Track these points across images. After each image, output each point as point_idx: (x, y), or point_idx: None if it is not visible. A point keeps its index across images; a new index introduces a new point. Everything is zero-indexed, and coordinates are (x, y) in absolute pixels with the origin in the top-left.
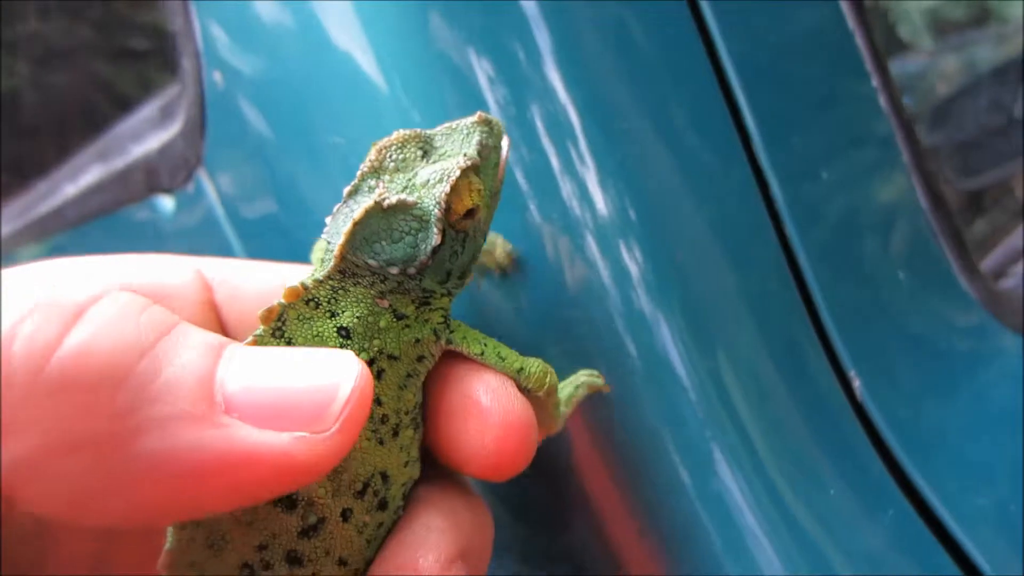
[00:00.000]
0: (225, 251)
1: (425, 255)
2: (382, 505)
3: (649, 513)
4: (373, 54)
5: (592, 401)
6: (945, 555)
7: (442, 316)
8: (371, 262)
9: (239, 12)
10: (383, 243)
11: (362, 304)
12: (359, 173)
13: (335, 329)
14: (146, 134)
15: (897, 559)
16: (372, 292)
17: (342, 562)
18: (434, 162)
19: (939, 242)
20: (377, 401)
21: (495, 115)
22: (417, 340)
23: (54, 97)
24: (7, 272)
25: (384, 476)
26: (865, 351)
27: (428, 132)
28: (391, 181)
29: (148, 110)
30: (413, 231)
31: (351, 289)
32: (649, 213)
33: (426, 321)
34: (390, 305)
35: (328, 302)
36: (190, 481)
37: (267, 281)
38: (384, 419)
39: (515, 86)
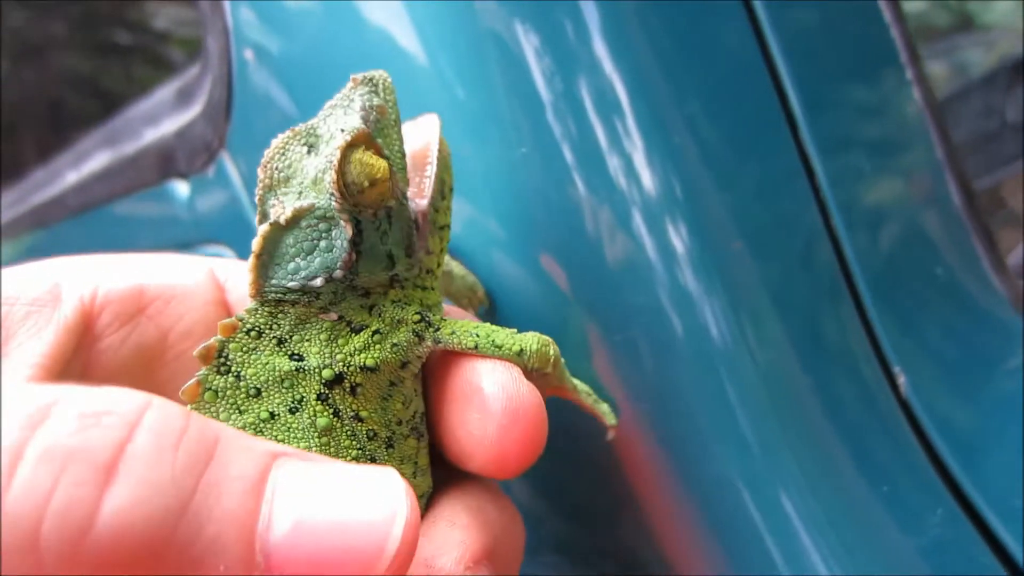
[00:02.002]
0: (246, 237)
1: (345, 251)
2: None
3: (697, 508)
4: (415, 29)
5: (634, 389)
6: (992, 555)
7: (418, 315)
8: (291, 285)
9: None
10: (297, 260)
11: (309, 324)
12: (256, 199)
13: (287, 355)
14: (161, 117)
15: (945, 558)
16: (313, 309)
17: None
18: (320, 153)
19: (972, 239)
20: (357, 418)
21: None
22: (395, 345)
23: (34, 93)
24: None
25: None
26: (908, 347)
27: (308, 123)
28: (286, 192)
29: (163, 92)
30: (323, 233)
31: (290, 311)
32: (695, 191)
33: (398, 323)
34: (340, 317)
35: (270, 328)
36: None
37: None
38: (372, 435)
39: (562, 60)
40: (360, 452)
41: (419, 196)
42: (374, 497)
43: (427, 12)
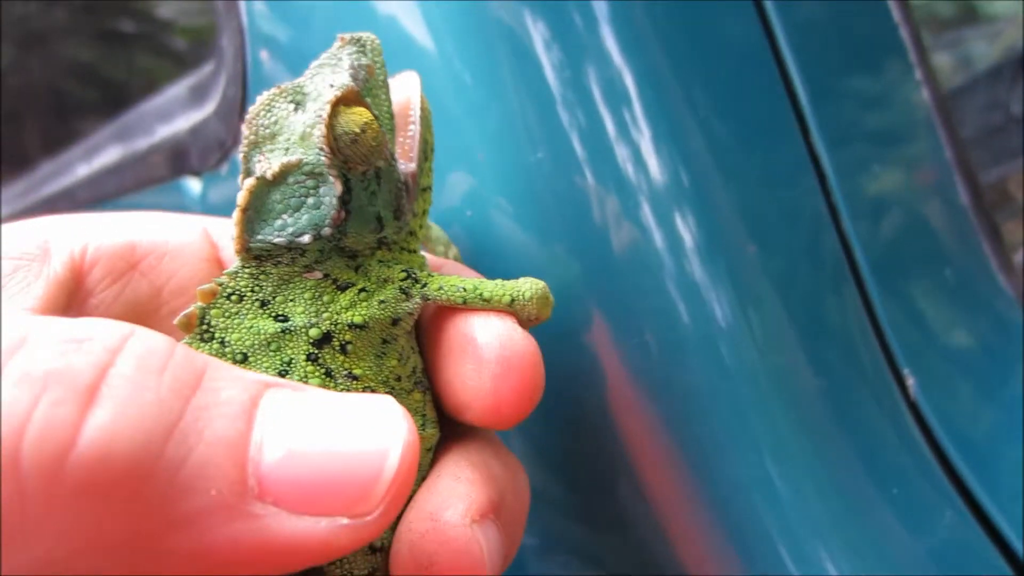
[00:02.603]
0: None
1: (334, 209)
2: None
3: (708, 505)
4: (423, 18)
5: (642, 382)
6: (1000, 558)
7: (404, 272)
8: (278, 241)
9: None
10: (284, 217)
11: (292, 284)
12: (241, 157)
13: (271, 317)
14: (174, 114)
15: (954, 560)
16: (296, 268)
17: (373, 550)
18: (306, 110)
19: (980, 239)
20: (351, 376)
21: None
22: (382, 302)
23: (37, 81)
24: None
25: None
26: (917, 348)
27: (294, 82)
28: (271, 149)
29: (176, 89)
30: (311, 190)
31: (272, 271)
32: (702, 181)
33: (384, 281)
34: (324, 275)
35: (252, 291)
36: (225, 571)
37: None
38: (371, 392)
39: (570, 50)
40: None
41: (404, 158)
42: (370, 425)
43: (436, 1)
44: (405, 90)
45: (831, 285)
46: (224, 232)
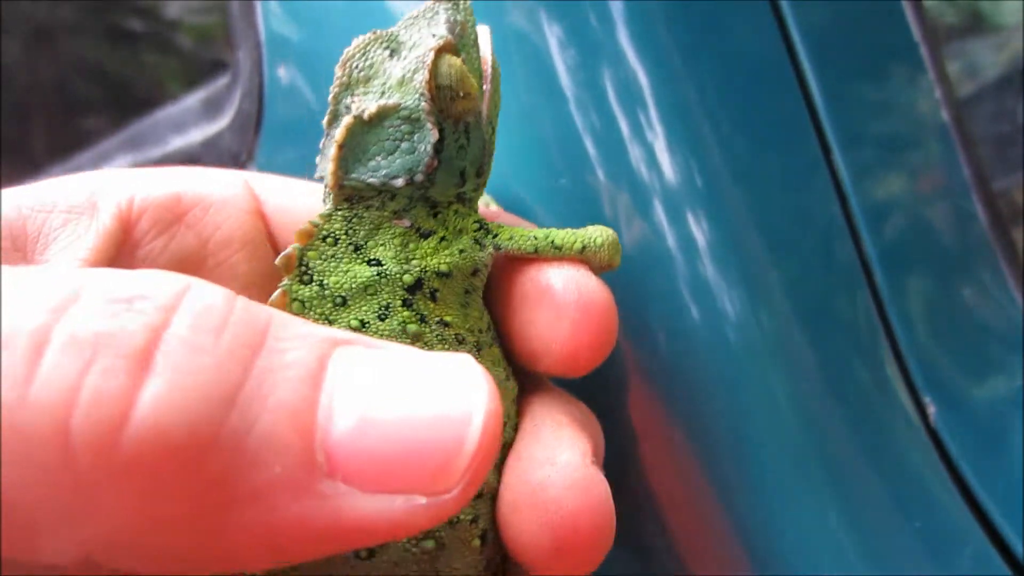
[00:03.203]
0: None
1: (428, 156)
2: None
3: (716, 504)
4: None
5: (651, 380)
6: None
7: (476, 223)
8: (372, 181)
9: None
10: (378, 159)
11: (383, 229)
12: (330, 97)
13: (365, 262)
14: (187, 125)
15: None
16: (386, 213)
17: (477, 495)
18: (404, 57)
19: (999, 259)
20: (443, 323)
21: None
22: (462, 251)
23: (44, 78)
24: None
25: None
26: (938, 376)
27: (388, 30)
28: (365, 92)
29: (190, 100)
30: (406, 135)
31: (364, 215)
32: (716, 182)
33: (460, 231)
34: (411, 224)
35: (346, 234)
36: (292, 550)
37: (316, 196)
38: (461, 340)
39: (586, 51)
40: None
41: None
42: (449, 387)
43: None
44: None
45: (846, 294)
46: (264, 186)
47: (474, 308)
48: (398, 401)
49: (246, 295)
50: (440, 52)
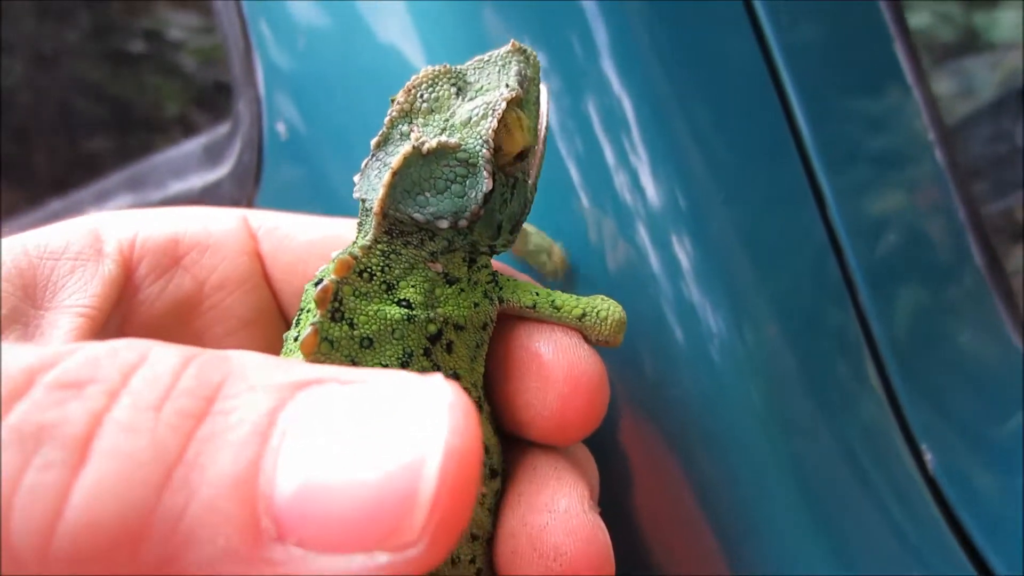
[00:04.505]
0: None
1: (476, 204)
2: (492, 474)
3: (702, 511)
4: (423, 48)
5: (636, 400)
6: None
7: (489, 275)
8: (417, 216)
9: (302, 71)
10: (427, 194)
11: (416, 270)
12: (387, 120)
13: (395, 302)
14: (188, 171)
15: None
16: (423, 254)
17: (473, 538)
18: (471, 99)
19: (996, 302)
20: (455, 375)
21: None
22: (476, 305)
23: (46, 98)
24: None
25: (485, 448)
26: (935, 422)
27: (458, 67)
28: (425, 124)
29: (190, 146)
30: (459, 178)
31: (402, 252)
32: (700, 205)
33: (476, 284)
34: (443, 269)
35: (382, 271)
36: None
37: (313, 233)
38: (465, 391)
39: (570, 78)
40: None
41: (529, 178)
42: (402, 431)
43: (436, 29)
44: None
45: (832, 311)
46: (262, 222)
47: (479, 363)
48: (343, 459)
49: (243, 334)
50: (511, 104)
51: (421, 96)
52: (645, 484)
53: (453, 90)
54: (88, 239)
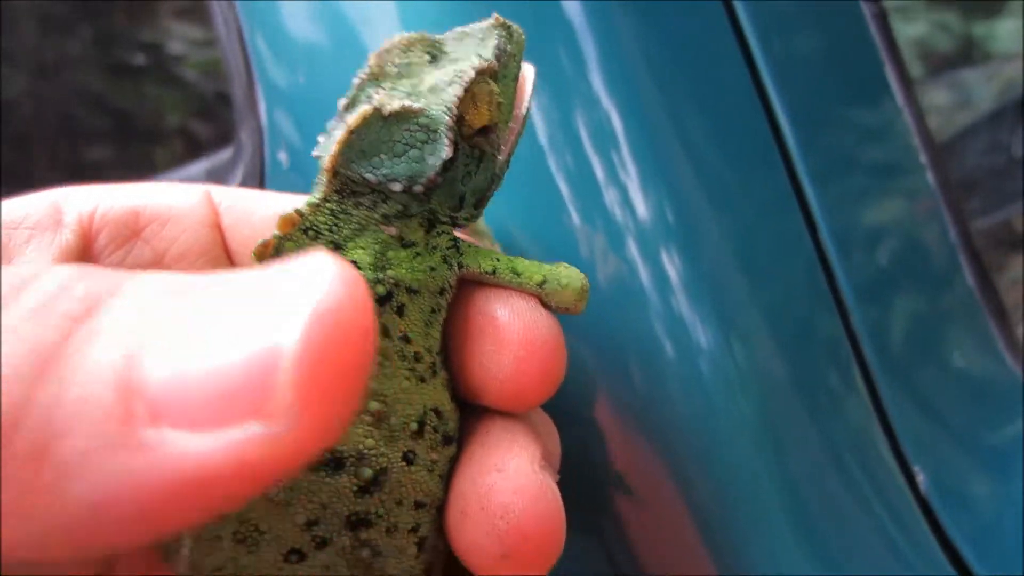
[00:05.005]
0: None
1: (434, 171)
2: (447, 440)
3: (696, 530)
4: None
5: (625, 414)
6: None
7: (450, 240)
8: (369, 177)
9: (306, 97)
10: (383, 156)
11: (367, 232)
12: (356, 82)
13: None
14: None
15: None
16: (376, 216)
17: (419, 505)
18: (443, 68)
19: (988, 319)
20: (405, 339)
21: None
22: (432, 269)
23: (47, 109)
24: None
25: (438, 412)
26: (926, 441)
27: (437, 36)
28: (393, 88)
29: (192, 169)
30: (419, 143)
31: (353, 212)
32: (689, 219)
33: (435, 248)
34: (397, 232)
35: (329, 230)
36: (149, 517)
37: (276, 208)
38: (418, 357)
39: (559, 93)
40: (411, 372)
41: (500, 154)
42: (269, 302)
43: None
44: (519, 87)
45: (823, 323)
46: (224, 196)
47: (435, 328)
48: (214, 336)
49: None
50: (481, 73)
51: (392, 61)
52: (636, 494)
53: (427, 58)
54: (48, 210)
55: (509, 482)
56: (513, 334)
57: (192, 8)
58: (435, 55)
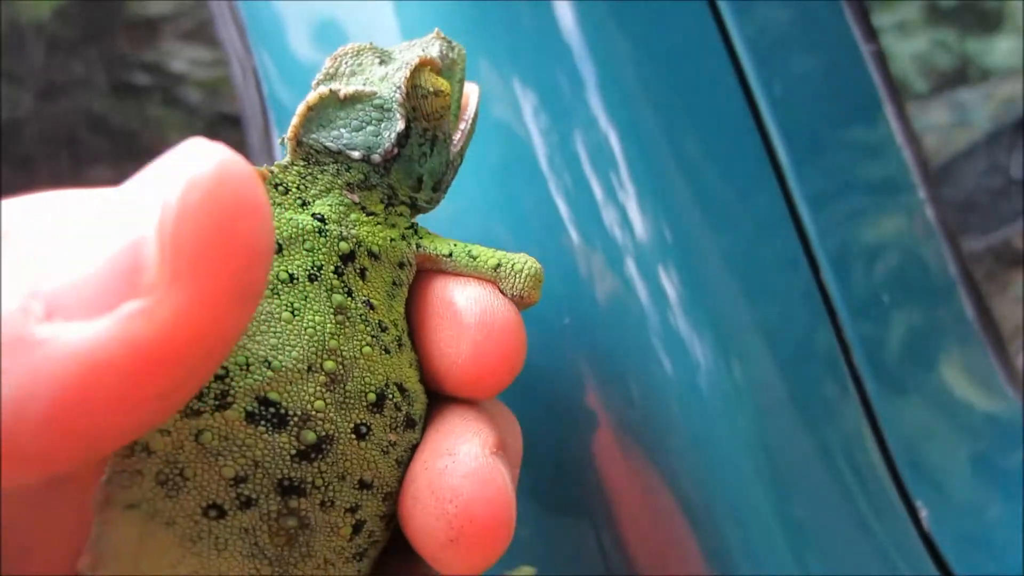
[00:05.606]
0: None
1: (390, 143)
2: (409, 423)
3: (689, 533)
4: None
5: (624, 431)
6: None
7: (408, 223)
8: (329, 145)
9: None
10: (341, 130)
11: (333, 194)
12: (313, 83)
13: (310, 215)
14: None
15: None
16: (339, 182)
17: (364, 485)
18: (392, 64)
19: (988, 353)
20: (369, 304)
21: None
22: (392, 240)
23: (51, 128)
24: None
25: (402, 389)
26: (929, 477)
27: (384, 48)
28: (348, 83)
29: None
30: (375, 121)
31: (319, 177)
32: (686, 236)
33: (394, 225)
34: (360, 201)
35: (297, 188)
36: (62, 417)
37: None
38: (383, 327)
39: (558, 115)
40: (374, 340)
41: (451, 144)
42: (148, 182)
43: None
44: (467, 92)
45: (820, 338)
46: None
47: (399, 302)
48: (98, 221)
49: None
50: (424, 62)
51: (345, 63)
52: (633, 506)
53: (376, 61)
54: None
55: (460, 466)
56: (471, 318)
57: (195, 30)
58: (384, 60)
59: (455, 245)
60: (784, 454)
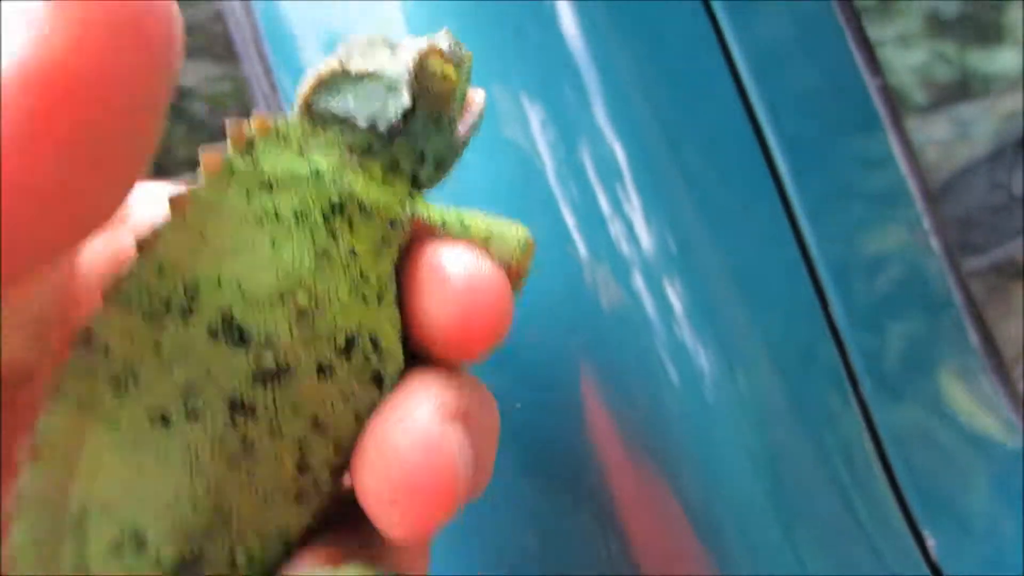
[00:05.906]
0: None
1: (396, 117)
2: (377, 379)
3: (694, 544)
4: None
5: (629, 442)
6: None
7: (406, 188)
8: (337, 112)
9: None
10: (349, 99)
11: (333, 151)
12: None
13: (306, 163)
14: None
15: None
16: (342, 141)
17: (316, 425)
18: (402, 50)
19: (992, 378)
20: (352, 252)
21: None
22: (386, 199)
23: None
24: None
25: (375, 342)
26: (936, 505)
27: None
28: (358, 62)
29: None
30: (382, 96)
31: (322, 135)
32: (691, 248)
33: (391, 187)
34: (359, 163)
35: (298, 141)
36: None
37: None
38: (364, 276)
39: (565, 129)
40: (352, 287)
41: (456, 127)
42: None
43: None
44: (471, 94)
45: (824, 348)
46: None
47: (386, 261)
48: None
49: None
50: (433, 47)
51: (357, 48)
52: (641, 513)
53: (388, 51)
54: None
55: (408, 431)
56: (459, 280)
57: (205, 46)
58: (394, 48)
59: (448, 212)
60: (786, 460)
